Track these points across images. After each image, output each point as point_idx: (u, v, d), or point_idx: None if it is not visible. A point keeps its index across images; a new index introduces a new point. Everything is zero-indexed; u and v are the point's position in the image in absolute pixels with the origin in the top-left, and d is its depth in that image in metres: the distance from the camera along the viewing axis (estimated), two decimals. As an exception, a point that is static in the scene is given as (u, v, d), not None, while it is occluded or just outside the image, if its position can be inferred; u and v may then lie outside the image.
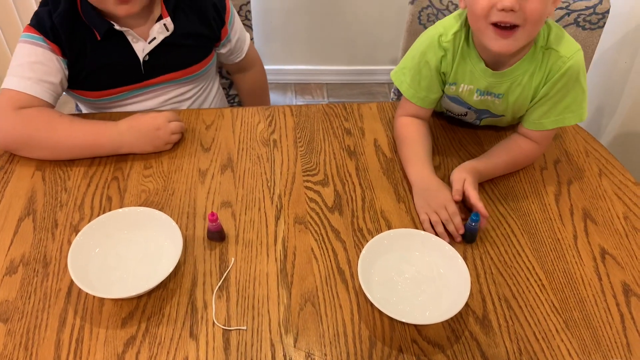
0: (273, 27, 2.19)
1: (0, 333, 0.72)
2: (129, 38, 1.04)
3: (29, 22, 1.00)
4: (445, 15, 1.27)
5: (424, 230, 0.86)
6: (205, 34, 1.13)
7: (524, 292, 0.79)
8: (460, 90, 0.96)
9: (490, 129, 1.06)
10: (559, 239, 0.87)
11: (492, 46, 0.85)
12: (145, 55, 1.06)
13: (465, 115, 1.03)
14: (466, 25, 0.92)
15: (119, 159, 0.97)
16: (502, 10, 0.80)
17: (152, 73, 1.09)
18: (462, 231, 0.85)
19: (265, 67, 1.39)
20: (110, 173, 0.95)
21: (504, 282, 0.81)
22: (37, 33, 0.99)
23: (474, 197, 0.86)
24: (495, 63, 0.92)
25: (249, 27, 1.33)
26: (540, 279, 0.81)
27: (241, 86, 1.36)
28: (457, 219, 0.85)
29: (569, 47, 0.89)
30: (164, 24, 1.05)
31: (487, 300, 0.78)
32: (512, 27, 0.82)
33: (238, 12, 1.25)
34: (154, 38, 1.05)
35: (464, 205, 0.90)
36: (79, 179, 0.93)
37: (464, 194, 0.88)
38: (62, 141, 0.95)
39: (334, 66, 2.34)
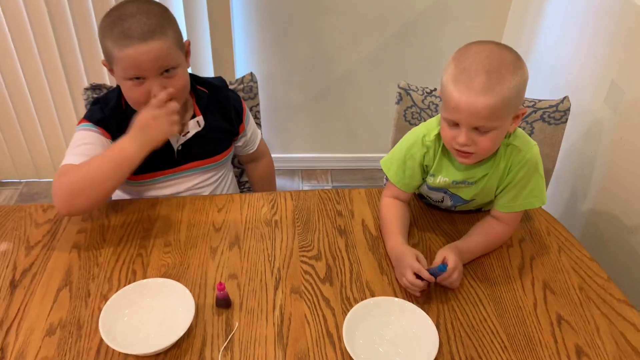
0: (281, 121, 2.43)
1: (39, 385, 0.86)
2: None
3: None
4: (426, 113, 1.47)
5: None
6: (228, 129, 1.34)
7: (488, 353, 0.91)
8: (438, 180, 1.13)
9: (462, 212, 1.22)
10: (520, 307, 1.00)
11: (458, 160, 1.05)
12: (179, 146, 1.26)
13: (442, 201, 1.20)
14: None
15: (143, 238, 1.14)
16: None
17: (184, 160, 1.29)
18: (425, 283, 0.98)
19: (274, 155, 1.58)
20: (135, 250, 1.11)
21: (471, 344, 0.93)
22: (89, 122, 1.20)
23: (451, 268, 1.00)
24: None
25: (258, 124, 1.54)
26: (503, 341, 0.93)
27: (252, 174, 1.56)
28: (425, 274, 0.98)
29: (527, 143, 1.08)
30: (197, 121, 1.26)
31: (455, 360, 0.90)
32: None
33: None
34: (188, 132, 1.25)
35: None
36: (108, 255, 1.10)
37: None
38: (93, 174, 1.07)
39: (337, 154, 2.56)
